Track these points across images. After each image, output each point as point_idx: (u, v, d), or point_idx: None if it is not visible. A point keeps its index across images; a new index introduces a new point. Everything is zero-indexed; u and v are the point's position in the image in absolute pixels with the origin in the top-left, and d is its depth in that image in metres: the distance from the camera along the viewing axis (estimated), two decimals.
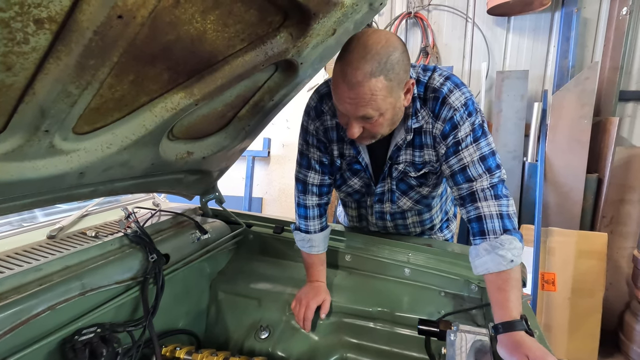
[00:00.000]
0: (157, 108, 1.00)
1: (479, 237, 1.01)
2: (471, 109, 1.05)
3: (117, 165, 1.07)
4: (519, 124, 2.83)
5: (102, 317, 1.03)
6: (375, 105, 0.95)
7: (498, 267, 0.96)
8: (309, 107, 1.29)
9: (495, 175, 1.03)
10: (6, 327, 0.82)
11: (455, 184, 1.08)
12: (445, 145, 1.09)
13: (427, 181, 1.27)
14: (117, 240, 1.21)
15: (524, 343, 0.82)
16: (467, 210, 1.05)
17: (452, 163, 1.08)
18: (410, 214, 1.45)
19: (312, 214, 1.36)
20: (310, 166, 1.33)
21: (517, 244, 0.97)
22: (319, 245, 1.37)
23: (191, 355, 1.08)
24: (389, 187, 1.32)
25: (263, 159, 3.43)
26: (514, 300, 0.92)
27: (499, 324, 0.88)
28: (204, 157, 1.43)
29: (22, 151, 0.78)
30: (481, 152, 1.04)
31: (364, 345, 1.31)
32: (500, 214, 1.00)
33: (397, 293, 1.36)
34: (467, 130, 1.05)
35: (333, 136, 1.27)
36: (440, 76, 1.09)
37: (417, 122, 1.11)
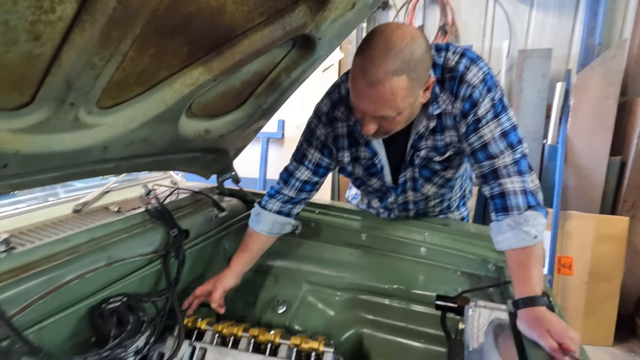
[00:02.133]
0: (176, 83, 1.01)
1: (502, 213, 1.00)
2: (490, 84, 1.02)
3: (138, 140, 1.08)
4: (540, 105, 2.74)
5: (127, 287, 1.07)
6: (394, 105, 0.93)
7: (521, 243, 0.94)
8: (320, 111, 1.24)
9: (517, 150, 1.01)
10: (39, 293, 0.86)
11: (477, 161, 1.06)
12: (465, 123, 1.06)
13: (451, 163, 1.24)
14: (139, 215, 1.24)
15: (545, 318, 0.81)
16: (490, 187, 1.03)
17: (473, 141, 1.06)
18: (432, 198, 1.42)
19: (278, 197, 1.31)
20: (303, 162, 1.28)
21: (542, 219, 0.96)
22: (264, 224, 1.28)
23: (212, 325, 1.11)
24: (411, 175, 1.28)
25: (277, 140, 3.44)
26: (536, 276, 0.91)
27: (520, 299, 0.87)
28: (221, 135, 1.44)
29: (49, 124, 0.79)
30: (502, 127, 1.02)
31: (379, 322, 1.33)
32: (524, 190, 0.98)
33: (413, 271, 1.36)
34: (487, 107, 1.02)
35: (344, 144, 1.23)
36: (454, 54, 1.05)
37: (439, 107, 1.08)
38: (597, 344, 2.65)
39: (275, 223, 1.30)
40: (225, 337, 1.10)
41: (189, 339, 1.09)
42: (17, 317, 0.79)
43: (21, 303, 0.82)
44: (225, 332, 1.09)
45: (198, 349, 1.05)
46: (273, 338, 1.03)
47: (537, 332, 0.79)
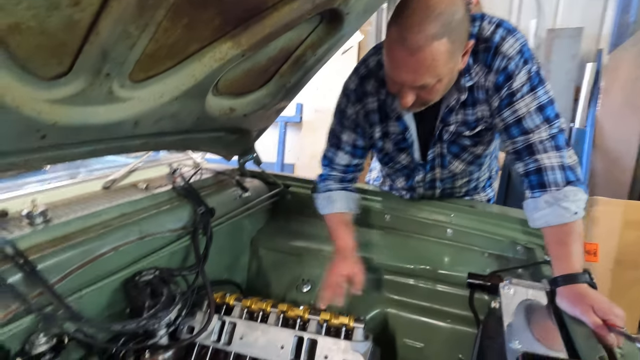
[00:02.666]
0: (206, 58, 1.00)
1: (538, 190, 0.97)
2: (527, 55, 0.98)
3: (167, 116, 1.08)
4: (569, 86, 2.65)
5: (157, 262, 1.09)
6: (435, 72, 0.89)
7: (560, 219, 0.92)
8: (348, 90, 1.22)
9: (554, 125, 0.97)
10: (76, 264, 0.87)
11: (510, 137, 1.02)
12: (498, 97, 1.02)
13: (482, 139, 1.20)
14: (167, 192, 1.26)
15: (588, 294, 0.79)
16: (524, 164, 1.00)
17: (506, 115, 1.02)
18: (460, 176, 1.38)
19: (332, 178, 1.33)
20: (339, 147, 1.28)
21: (582, 195, 0.93)
22: (340, 200, 1.28)
23: (240, 301, 1.12)
24: (439, 152, 1.25)
25: (295, 124, 3.42)
26: (576, 253, 0.88)
27: (559, 276, 0.85)
28: (245, 114, 1.43)
29: (85, 95, 0.80)
30: (539, 101, 0.97)
31: (404, 302, 1.32)
32: (562, 165, 0.94)
33: (439, 253, 1.35)
34: (523, 80, 0.98)
35: (375, 119, 1.21)
36: (490, 24, 1.01)
37: (471, 79, 1.04)
38: None
39: (348, 198, 1.31)
40: (253, 313, 1.11)
41: (218, 313, 1.10)
42: (57, 285, 0.81)
43: (61, 272, 0.84)
44: (253, 307, 1.10)
45: (228, 323, 1.06)
46: (302, 313, 1.04)
47: (580, 309, 0.77)
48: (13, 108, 0.68)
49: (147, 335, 0.98)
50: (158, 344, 0.99)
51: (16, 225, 0.89)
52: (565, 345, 0.67)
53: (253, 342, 1.02)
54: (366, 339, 0.98)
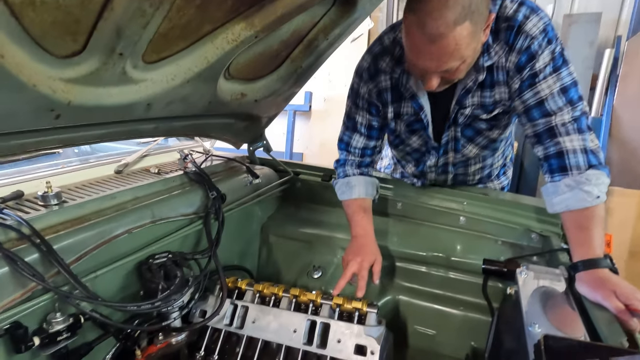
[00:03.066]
0: (218, 39, 0.99)
1: (558, 174, 0.94)
2: (551, 35, 0.94)
3: (179, 99, 1.08)
4: (586, 74, 2.58)
5: (170, 246, 1.09)
6: (459, 55, 0.86)
7: (581, 203, 0.89)
8: (361, 68, 1.20)
9: (577, 107, 0.94)
10: (90, 245, 0.88)
11: (531, 119, 0.99)
12: (519, 78, 0.99)
13: (499, 122, 1.17)
14: (179, 177, 1.25)
15: (610, 279, 0.77)
16: (544, 147, 0.97)
17: (527, 97, 0.98)
18: (473, 161, 1.35)
19: (350, 163, 1.31)
20: (355, 129, 1.26)
21: (605, 179, 0.90)
22: (358, 185, 1.25)
23: (252, 286, 1.12)
24: (453, 135, 1.22)
25: (304, 113, 3.40)
26: (597, 238, 0.86)
27: (579, 262, 0.83)
28: (256, 99, 1.42)
29: (98, 75, 0.79)
30: (562, 82, 0.94)
31: (416, 289, 1.32)
32: (584, 148, 0.92)
33: (451, 240, 1.33)
34: (546, 60, 0.94)
35: (387, 98, 1.19)
36: (512, 2, 0.97)
37: (490, 59, 1.01)
38: None
39: (367, 183, 1.28)
40: (265, 297, 1.11)
41: (230, 298, 1.10)
42: (73, 265, 0.82)
43: (75, 253, 0.84)
44: (265, 292, 1.10)
45: (240, 307, 1.07)
46: (315, 298, 1.04)
47: (602, 294, 0.75)
48: (29, 86, 0.67)
49: (160, 317, 0.99)
50: (171, 326, 1.00)
51: (31, 206, 0.90)
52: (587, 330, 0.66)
53: (265, 326, 1.02)
54: (379, 324, 0.97)
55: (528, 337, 0.62)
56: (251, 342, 1.02)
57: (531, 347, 0.58)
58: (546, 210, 1.00)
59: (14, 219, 0.80)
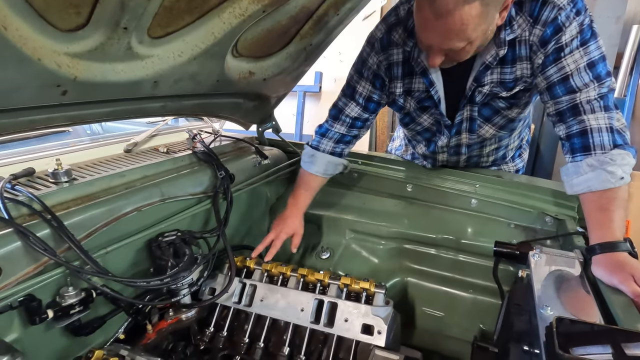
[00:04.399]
0: (225, 13, 0.96)
1: (580, 154, 0.90)
2: (580, 6, 0.89)
3: (187, 77, 1.06)
4: (610, 52, 2.45)
5: (179, 224, 1.10)
6: (464, 36, 0.83)
7: (604, 184, 0.85)
8: (374, 38, 1.14)
9: (605, 84, 0.89)
10: (101, 222, 0.89)
11: (554, 96, 0.94)
12: (544, 53, 0.93)
13: (519, 101, 1.11)
14: (187, 157, 1.25)
15: (628, 263, 0.75)
16: (567, 126, 0.93)
17: (551, 73, 0.93)
18: (489, 142, 1.30)
19: (330, 136, 1.26)
20: (354, 97, 1.22)
21: (631, 159, 0.86)
22: (318, 165, 1.26)
23: (260, 265, 1.13)
24: (468, 115, 1.17)
25: (314, 94, 3.35)
26: (618, 220, 0.83)
27: (596, 244, 0.80)
28: (264, 78, 1.40)
29: (104, 50, 0.78)
30: (590, 57, 0.89)
31: (425, 271, 1.31)
32: (610, 127, 0.87)
33: (462, 223, 1.31)
34: (573, 33, 0.89)
35: (398, 72, 1.14)
36: None
37: (512, 32, 0.95)
38: None
39: (330, 164, 1.28)
40: (273, 277, 1.12)
41: (239, 276, 1.11)
42: (84, 241, 0.83)
43: (86, 229, 0.85)
44: (273, 271, 1.11)
45: (248, 286, 1.08)
46: (322, 277, 1.04)
47: (619, 278, 0.72)
48: (34, 59, 0.67)
49: (170, 294, 1.00)
50: (181, 303, 1.01)
51: (42, 183, 0.91)
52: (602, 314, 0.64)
53: (273, 304, 1.03)
54: (387, 305, 0.97)
55: (540, 319, 0.61)
56: (259, 319, 1.04)
57: (542, 330, 0.57)
58: (562, 193, 0.96)
59: (26, 195, 0.81)
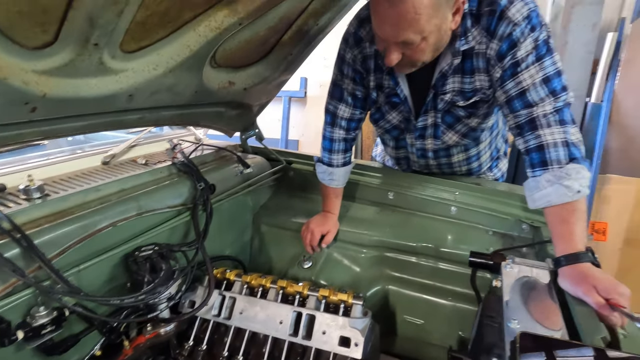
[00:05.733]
0: (200, 27, 0.96)
1: (539, 168, 0.92)
2: (535, 22, 0.91)
3: (163, 89, 1.05)
4: (587, 58, 2.51)
5: (157, 238, 1.09)
6: (418, 28, 0.85)
7: (562, 198, 0.88)
8: (348, 33, 1.18)
9: (560, 98, 0.91)
10: (74, 239, 0.87)
11: (512, 110, 0.97)
12: (501, 67, 0.96)
13: (477, 111, 1.15)
14: (166, 168, 1.24)
15: (591, 274, 0.77)
16: (525, 140, 0.95)
17: (509, 87, 0.96)
18: (455, 151, 1.34)
19: (336, 148, 1.33)
20: (342, 98, 1.26)
21: (585, 172, 0.88)
22: (339, 179, 1.36)
23: (240, 277, 1.13)
24: (432, 121, 1.22)
25: (299, 99, 3.35)
26: (579, 232, 0.85)
27: (562, 256, 0.82)
28: (245, 88, 1.39)
29: (74, 66, 0.77)
30: (545, 72, 0.91)
31: (406, 279, 1.32)
32: (565, 141, 0.89)
33: (442, 230, 1.33)
34: (529, 48, 0.91)
35: (371, 65, 1.17)
36: None
37: (467, 43, 0.98)
38: None
39: (346, 173, 1.39)
40: (253, 288, 1.12)
41: (219, 289, 1.11)
42: (55, 260, 0.81)
43: (58, 247, 0.84)
44: (253, 283, 1.11)
45: (228, 298, 1.07)
46: (301, 290, 1.04)
47: (583, 289, 0.74)
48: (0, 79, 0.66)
49: (148, 309, 0.99)
50: (159, 318, 1.00)
51: (13, 200, 0.89)
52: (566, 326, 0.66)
53: (253, 316, 1.03)
54: (365, 316, 0.98)
55: (506, 333, 0.62)
56: (239, 332, 1.03)
57: (508, 344, 0.58)
58: None
59: None
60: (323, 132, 1.36)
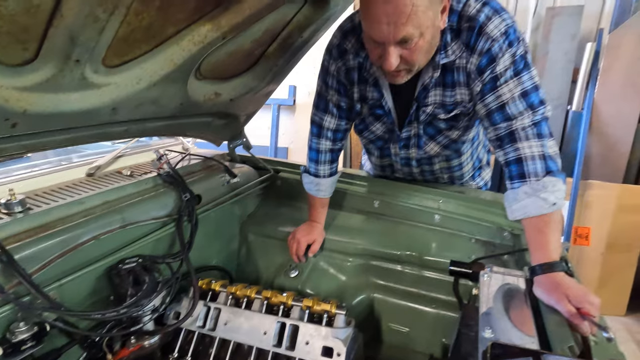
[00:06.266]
0: (184, 41, 0.97)
1: (517, 180, 0.95)
2: (512, 38, 0.94)
3: (147, 102, 1.06)
4: (567, 68, 2.58)
5: (142, 250, 1.09)
6: (417, 21, 0.84)
7: (539, 210, 0.90)
8: (331, 45, 1.19)
9: (538, 112, 0.94)
10: (56, 252, 0.87)
11: (492, 123, 0.99)
12: (481, 81, 0.99)
13: (457, 124, 1.19)
14: (152, 179, 1.24)
15: (564, 283, 0.79)
16: (504, 152, 0.98)
17: (489, 101, 0.99)
18: (437, 160, 1.38)
19: (323, 159, 1.35)
20: (327, 109, 1.27)
21: (561, 186, 0.91)
22: (325, 190, 1.38)
23: (226, 287, 1.13)
24: (415, 132, 1.25)
25: (289, 107, 3.37)
26: (554, 242, 0.88)
27: (537, 265, 0.85)
28: (231, 99, 1.40)
29: (55, 82, 0.77)
30: (523, 87, 0.94)
31: (391, 287, 1.33)
32: (542, 154, 0.92)
33: (426, 238, 1.35)
34: (507, 63, 0.94)
35: (354, 77, 1.18)
36: (476, 1, 0.96)
37: (447, 57, 1.01)
38: (609, 313, 2.65)
39: (333, 183, 1.41)
40: (238, 299, 1.12)
41: (204, 299, 1.11)
42: (36, 275, 0.81)
43: (40, 262, 0.83)
44: (238, 293, 1.11)
45: (213, 309, 1.08)
46: (285, 300, 1.05)
47: (555, 298, 0.77)
48: None
49: (131, 321, 0.99)
50: (143, 330, 1.00)
51: None
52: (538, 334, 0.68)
53: (237, 327, 1.03)
54: (348, 325, 0.99)
55: (480, 343, 0.64)
56: (224, 343, 1.04)
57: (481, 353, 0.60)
58: None
59: None
60: (309, 143, 1.38)
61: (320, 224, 1.41)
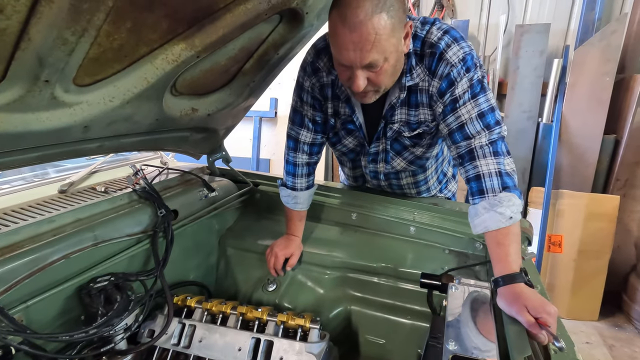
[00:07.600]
0: (157, 60, 0.98)
1: (477, 197, 1.00)
2: (470, 64, 1.01)
3: (121, 119, 1.06)
4: (537, 82, 2.70)
5: (115, 267, 1.08)
6: (380, 48, 0.90)
7: (497, 224, 0.95)
8: (305, 62, 1.24)
9: (494, 131, 1.00)
10: (24, 273, 0.86)
11: (453, 142, 1.05)
12: (442, 103, 1.06)
13: (420, 141, 1.26)
14: (126, 195, 1.23)
15: (523, 294, 0.83)
16: (465, 170, 1.03)
17: (450, 121, 1.05)
18: (404, 175, 1.45)
19: (300, 172, 1.38)
20: (303, 124, 1.31)
21: (516, 200, 0.96)
22: (303, 202, 1.40)
23: (201, 304, 1.13)
24: (383, 147, 1.31)
25: (270, 119, 3.39)
26: (514, 254, 0.92)
27: (499, 277, 0.89)
28: (208, 114, 1.41)
29: (24, 102, 0.77)
30: (479, 108, 1.01)
31: (367, 299, 1.35)
32: (499, 171, 0.97)
33: (402, 250, 1.38)
34: (465, 87, 1.01)
35: (328, 93, 1.23)
36: (438, 30, 1.04)
37: (412, 79, 1.08)
38: (582, 318, 2.73)
39: (310, 196, 1.43)
40: (214, 315, 1.12)
41: (179, 316, 1.10)
42: (2, 296, 0.80)
43: (5, 283, 0.82)
44: (214, 309, 1.11)
45: (187, 326, 1.07)
46: (261, 315, 1.05)
47: (515, 308, 0.80)
48: None
49: (103, 341, 0.97)
50: (115, 349, 0.99)
51: None
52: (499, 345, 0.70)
53: (212, 344, 1.03)
54: (322, 339, 1.00)
55: (444, 355, 0.66)
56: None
57: None
58: None
59: None
60: (286, 157, 1.40)
61: (298, 237, 1.42)
